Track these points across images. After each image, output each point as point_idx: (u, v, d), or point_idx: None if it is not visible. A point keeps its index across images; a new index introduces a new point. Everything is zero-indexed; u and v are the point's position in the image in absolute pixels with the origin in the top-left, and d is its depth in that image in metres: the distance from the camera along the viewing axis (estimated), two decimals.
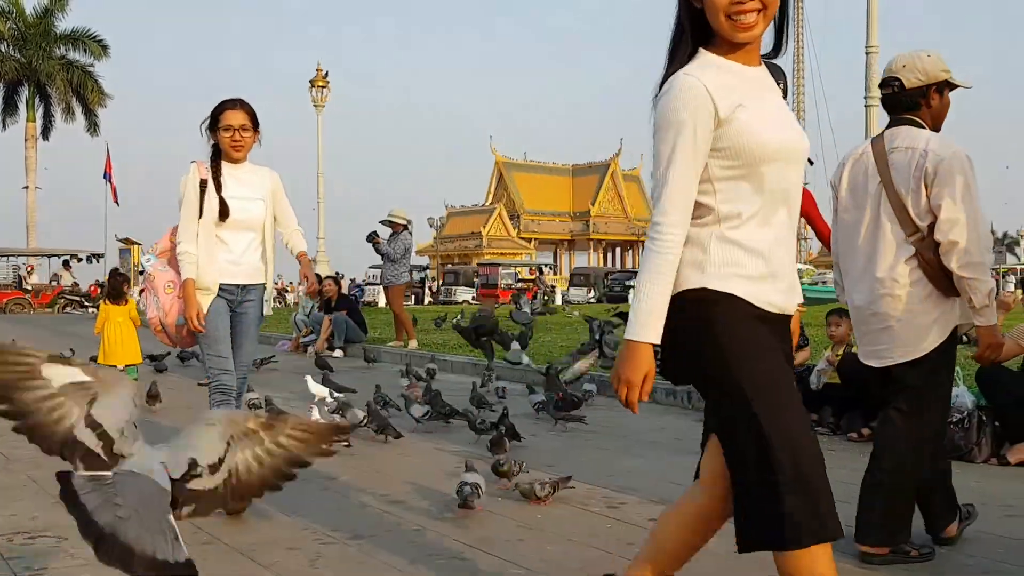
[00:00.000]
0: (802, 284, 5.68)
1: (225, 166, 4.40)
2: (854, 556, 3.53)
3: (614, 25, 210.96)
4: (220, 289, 4.35)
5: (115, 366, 9.45)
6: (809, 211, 5.65)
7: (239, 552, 3.60)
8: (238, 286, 4.41)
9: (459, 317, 13.41)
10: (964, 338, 10.69)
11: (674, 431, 6.55)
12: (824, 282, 6.33)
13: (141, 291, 4.45)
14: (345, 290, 19.16)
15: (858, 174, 3.55)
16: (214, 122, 4.34)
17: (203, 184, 4.31)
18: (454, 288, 44.74)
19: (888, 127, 3.57)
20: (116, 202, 37.93)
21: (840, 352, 6.37)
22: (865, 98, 14.71)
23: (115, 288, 9.87)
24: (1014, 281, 42.00)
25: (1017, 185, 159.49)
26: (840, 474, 5.06)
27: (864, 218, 3.50)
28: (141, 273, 10.87)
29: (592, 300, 41.01)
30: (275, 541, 3.75)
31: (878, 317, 3.45)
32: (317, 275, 14.22)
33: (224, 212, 4.31)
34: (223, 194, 4.33)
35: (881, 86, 3.61)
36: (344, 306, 13.58)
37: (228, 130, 4.31)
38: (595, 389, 7.72)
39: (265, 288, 4.57)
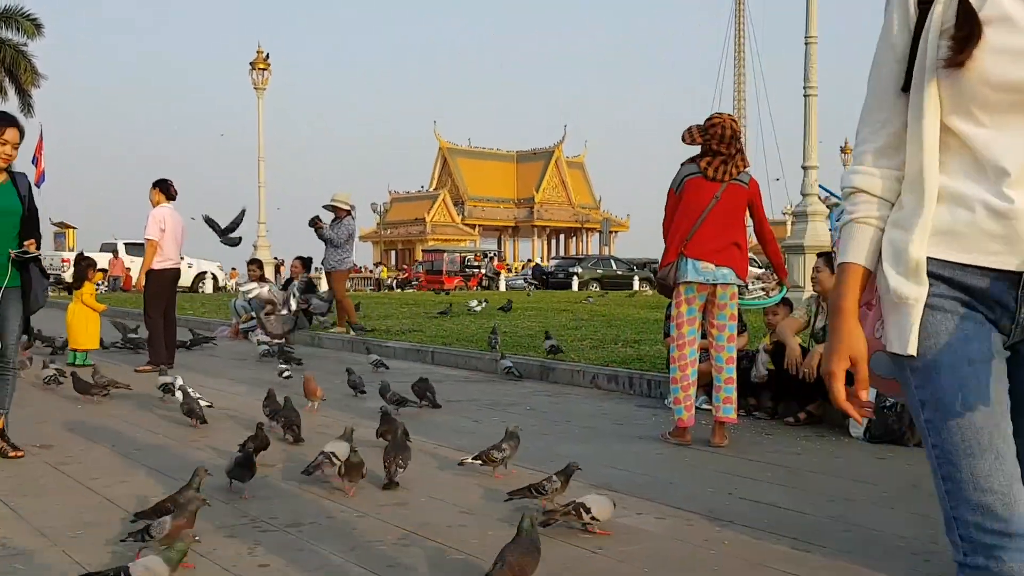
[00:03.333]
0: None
1: None
2: (792, 538, 3.58)
3: (559, 11, 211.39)
4: (960, 288, 1.62)
5: (74, 350, 9.53)
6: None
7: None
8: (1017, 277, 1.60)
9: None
10: None
11: (616, 416, 6.60)
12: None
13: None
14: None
15: None
16: None
17: (925, 5, 1.66)
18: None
19: None
20: (38, 184, 37.15)
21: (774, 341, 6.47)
22: (804, 88, 14.86)
23: (79, 272, 9.81)
24: None
25: None
26: (775, 457, 5.17)
27: None
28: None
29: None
30: (212, 529, 3.70)
31: None
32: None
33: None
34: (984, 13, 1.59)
35: None
36: (309, 290, 13.38)
37: None
38: None
39: None
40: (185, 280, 31.33)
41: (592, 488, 4.38)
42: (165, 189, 9.55)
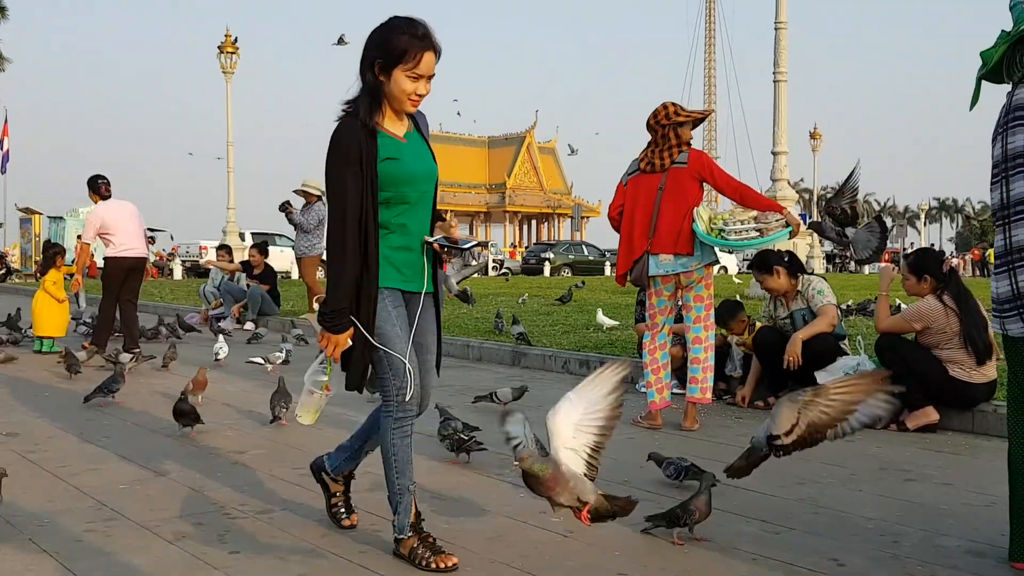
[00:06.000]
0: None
1: None
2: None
3: None
4: None
5: (40, 338, 9.51)
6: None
7: (145, 528, 3.52)
8: None
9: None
10: (848, 308, 11.09)
11: None
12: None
13: None
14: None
15: None
16: None
17: None
18: None
19: None
20: (3, 170, 36.49)
21: (747, 339, 6.57)
22: (774, 73, 14.93)
23: (46, 260, 9.74)
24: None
25: (914, 159, 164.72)
26: (745, 441, 5.16)
27: None
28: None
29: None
30: (182, 516, 3.68)
31: None
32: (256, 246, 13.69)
33: None
34: None
35: None
36: (268, 279, 13.30)
37: None
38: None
39: None
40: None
41: None
42: (95, 188, 9.47)
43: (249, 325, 12.50)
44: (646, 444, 5.17)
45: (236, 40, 28.10)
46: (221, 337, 9.17)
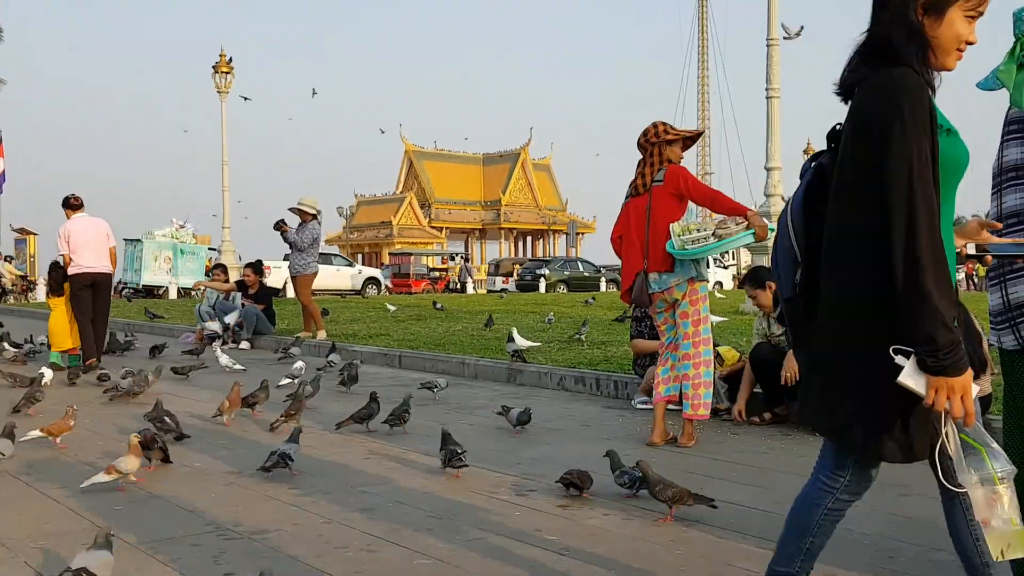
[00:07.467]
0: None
1: None
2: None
3: (526, 14, 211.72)
4: None
5: (63, 351, 9.93)
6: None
7: (140, 549, 3.51)
8: None
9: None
10: None
11: (581, 417, 6.61)
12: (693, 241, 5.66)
13: None
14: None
15: None
16: None
17: None
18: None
19: None
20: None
21: (722, 370, 6.63)
22: (767, 90, 14.99)
23: (56, 282, 10.08)
24: None
25: None
26: (741, 456, 5.20)
27: None
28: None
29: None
30: (177, 537, 3.66)
31: None
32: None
33: None
34: None
35: None
36: (264, 299, 13.30)
37: None
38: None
39: None
40: (355, 284, 32.13)
41: (557, 489, 4.38)
42: (66, 204, 9.96)
43: (244, 344, 12.49)
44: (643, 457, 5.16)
45: (231, 60, 28.18)
46: (219, 351, 9.57)
